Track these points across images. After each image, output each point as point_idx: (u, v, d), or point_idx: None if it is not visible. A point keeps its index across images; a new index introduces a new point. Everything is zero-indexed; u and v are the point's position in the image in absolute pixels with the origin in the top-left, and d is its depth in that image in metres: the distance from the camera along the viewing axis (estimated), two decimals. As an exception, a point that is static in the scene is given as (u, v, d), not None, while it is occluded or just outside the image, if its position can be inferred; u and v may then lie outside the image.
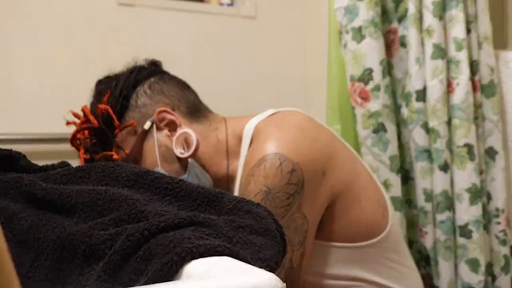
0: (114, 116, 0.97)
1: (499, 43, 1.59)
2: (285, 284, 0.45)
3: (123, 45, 1.50)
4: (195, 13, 1.62)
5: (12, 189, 0.76)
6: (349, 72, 1.34)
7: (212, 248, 0.51)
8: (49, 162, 0.93)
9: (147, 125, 0.98)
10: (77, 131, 1.00)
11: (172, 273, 0.49)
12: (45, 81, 1.44)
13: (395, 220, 1.03)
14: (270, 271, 0.47)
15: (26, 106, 1.42)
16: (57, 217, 0.68)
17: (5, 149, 0.88)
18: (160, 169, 0.97)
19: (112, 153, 0.98)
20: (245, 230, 0.62)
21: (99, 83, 1.04)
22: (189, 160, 0.97)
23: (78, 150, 1.01)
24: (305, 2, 1.77)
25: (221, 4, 1.69)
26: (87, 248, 0.59)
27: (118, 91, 0.99)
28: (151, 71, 1.04)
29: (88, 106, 1.01)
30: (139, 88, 1.00)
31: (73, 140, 1.01)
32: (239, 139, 0.98)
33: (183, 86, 1.05)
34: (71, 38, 1.46)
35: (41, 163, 0.92)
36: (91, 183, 0.75)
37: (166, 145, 0.98)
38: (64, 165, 0.90)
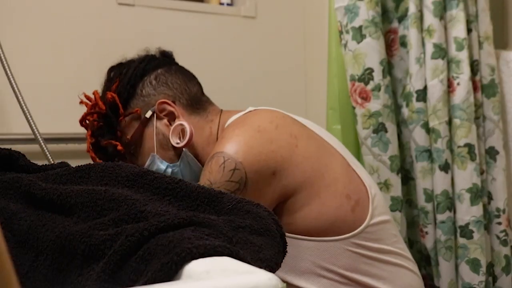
0: (119, 104, 1.05)
1: (500, 43, 1.59)
2: (285, 284, 0.45)
3: (122, 45, 1.50)
4: (195, 13, 1.62)
5: (12, 189, 0.76)
6: (349, 72, 1.34)
7: (212, 248, 0.51)
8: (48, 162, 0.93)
9: (148, 114, 1.06)
10: (86, 114, 1.08)
11: (172, 273, 0.49)
12: (45, 80, 1.43)
13: (381, 216, 1.01)
14: (270, 271, 0.47)
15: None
16: (57, 217, 0.68)
17: (5, 149, 0.87)
18: (155, 155, 1.05)
19: (117, 143, 1.06)
20: (245, 230, 0.62)
21: (111, 69, 1.11)
22: (183, 149, 1.05)
23: (87, 130, 1.10)
24: (305, 2, 1.77)
25: (221, 4, 1.69)
26: (87, 248, 0.59)
27: (126, 79, 1.06)
28: (160, 62, 1.11)
29: (99, 91, 1.09)
30: (146, 78, 1.07)
31: (82, 121, 1.09)
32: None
33: (188, 78, 1.12)
34: (71, 37, 1.46)
35: (40, 163, 0.92)
36: (90, 183, 0.75)
37: (163, 134, 1.06)
38: (64, 165, 0.89)
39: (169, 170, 1.06)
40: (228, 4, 1.70)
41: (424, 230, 1.37)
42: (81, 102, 1.10)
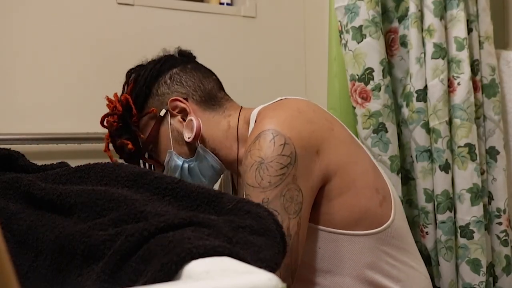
0: (132, 105, 1.09)
1: (501, 43, 1.59)
2: (285, 284, 0.45)
3: (122, 44, 1.50)
4: (195, 13, 1.62)
5: (11, 189, 0.76)
6: (350, 71, 1.34)
7: (212, 249, 0.51)
8: (48, 162, 0.93)
9: (162, 112, 1.09)
10: (105, 116, 1.12)
11: (171, 274, 0.49)
12: (45, 80, 1.43)
13: (401, 216, 1.02)
14: (270, 271, 0.47)
15: (26, 106, 1.41)
16: (56, 217, 0.68)
17: (4, 149, 0.87)
18: (172, 151, 1.09)
19: (128, 142, 1.09)
20: (245, 231, 0.62)
21: (129, 72, 1.15)
22: (198, 144, 1.07)
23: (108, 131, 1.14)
24: (305, 2, 1.77)
25: (221, 3, 1.69)
26: (86, 249, 0.59)
27: (142, 81, 1.10)
28: (175, 61, 1.13)
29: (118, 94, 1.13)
30: (161, 78, 1.10)
31: (102, 122, 1.13)
32: (248, 125, 1.05)
33: (204, 75, 1.13)
34: (71, 37, 1.46)
35: (40, 163, 0.92)
36: (90, 183, 0.75)
37: (177, 130, 1.09)
38: (63, 165, 0.89)
39: (186, 165, 1.08)
40: (228, 4, 1.69)
41: (425, 230, 1.37)
42: (107, 105, 1.13)
